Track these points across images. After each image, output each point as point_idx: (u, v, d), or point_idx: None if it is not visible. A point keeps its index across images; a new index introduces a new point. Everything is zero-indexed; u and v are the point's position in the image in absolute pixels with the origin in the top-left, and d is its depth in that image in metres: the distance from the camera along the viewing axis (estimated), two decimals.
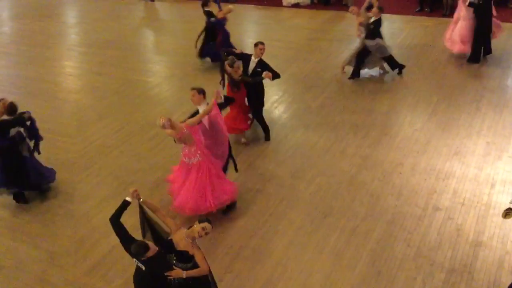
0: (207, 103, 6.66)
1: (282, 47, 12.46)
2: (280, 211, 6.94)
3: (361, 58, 10.36)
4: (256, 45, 8.25)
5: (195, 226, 4.88)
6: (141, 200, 5.20)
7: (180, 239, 4.94)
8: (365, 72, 10.65)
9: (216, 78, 11.19)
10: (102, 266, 6.23)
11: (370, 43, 10.09)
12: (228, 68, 8.06)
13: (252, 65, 8.23)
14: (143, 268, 4.71)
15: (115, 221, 4.93)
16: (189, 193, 6.50)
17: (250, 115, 8.51)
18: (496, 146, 7.96)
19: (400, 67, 10.55)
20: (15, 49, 13.73)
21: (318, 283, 5.78)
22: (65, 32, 15.30)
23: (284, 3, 15.99)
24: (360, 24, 10.34)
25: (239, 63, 8.11)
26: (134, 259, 4.77)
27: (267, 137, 8.61)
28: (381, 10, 9.95)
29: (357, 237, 6.38)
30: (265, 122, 8.59)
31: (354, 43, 12.50)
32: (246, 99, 8.32)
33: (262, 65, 8.20)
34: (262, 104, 8.53)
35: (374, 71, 10.74)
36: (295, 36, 13.40)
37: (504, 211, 5.35)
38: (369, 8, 10.33)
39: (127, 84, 11.13)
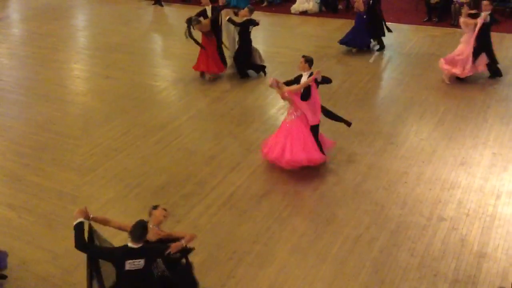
0: (311, 73, 7.62)
1: (289, 54, 12.48)
2: (284, 218, 6.93)
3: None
4: None
5: (154, 213, 5.10)
6: (91, 217, 5.06)
7: (151, 234, 4.91)
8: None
9: (223, 83, 11.27)
10: (102, 268, 6.22)
11: None
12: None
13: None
14: (141, 264, 4.53)
15: (82, 246, 4.72)
16: (296, 147, 7.56)
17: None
18: (502, 157, 7.93)
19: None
20: (24, 51, 13.84)
21: None
22: (74, 35, 15.41)
23: (292, 11, 16.04)
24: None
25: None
26: (128, 263, 4.52)
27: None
28: None
29: (360, 246, 6.36)
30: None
31: (362, 51, 12.53)
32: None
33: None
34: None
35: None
36: (302, 43, 13.43)
37: None
38: None
39: (134, 87, 11.19)
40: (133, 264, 4.52)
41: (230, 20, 10.88)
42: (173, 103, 10.53)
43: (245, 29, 10.75)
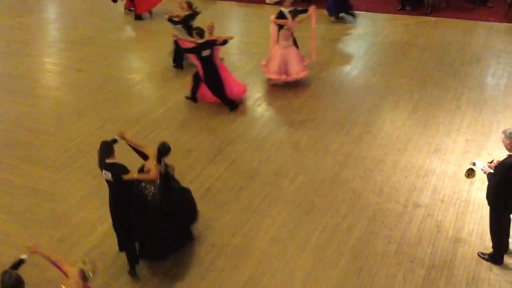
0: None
1: (264, 45, 12.42)
2: (263, 209, 6.95)
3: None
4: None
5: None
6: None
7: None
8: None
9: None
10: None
11: None
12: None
13: None
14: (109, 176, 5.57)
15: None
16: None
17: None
18: (475, 144, 8.08)
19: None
20: None
21: (300, 280, 5.81)
22: (45, 28, 15.08)
23: (267, 1, 15.97)
24: None
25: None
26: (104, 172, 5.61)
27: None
28: None
29: (339, 234, 6.43)
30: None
31: (336, 41, 12.61)
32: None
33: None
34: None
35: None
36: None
37: (466, 171, 5.59)
38: None
39: (108, 81, 11.02)
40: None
41: (169, 20, 10.54)
42: (148, 96, 10.40)
43: (187, 25, 10.42)
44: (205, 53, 8.97)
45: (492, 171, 5.55)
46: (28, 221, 6.96)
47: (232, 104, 9.47)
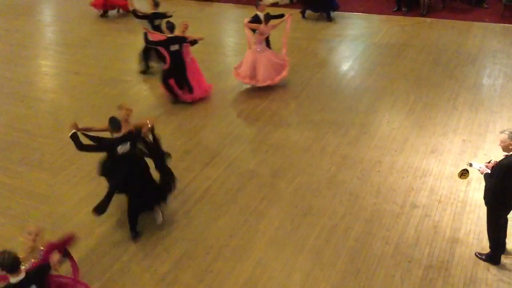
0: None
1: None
2: (261, 210, 6.95)
3: None
4: None
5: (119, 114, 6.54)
6: (79, 128, 6.25)
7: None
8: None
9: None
10: (80, 269, 6.11)
11: None
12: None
13: None
14: (127, 147, 6.05)
15: (81, 147, 6.02)
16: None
17: None
18: (471, 144, 8.11)
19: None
20: None
21: (298, 281, 5.81)
22: (41, 31, 15.05)
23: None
24: None
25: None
26: (119, 148, 6.02)
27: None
28: None
29: (336, 235, 6.43)
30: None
31: (332, 43, 12.64)
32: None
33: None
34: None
35: None
36: (274, 35, 13.36)
37: (461, 171, 5.60)
38: None
39: (105, 83, 11.01)
40: (123, 148, 6.02)
41: (133, 12, 10.69)
42: (145, 98, 10.40)
43: (152, 24, 10.49)
44: (174, 47, 9.26)
45: (489, 171, 5.56)
46: (25, 225, 6.89)
47: (175, 98, 9.75)
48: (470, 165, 5.75)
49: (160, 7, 10.74)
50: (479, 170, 5.68)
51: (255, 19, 9.99)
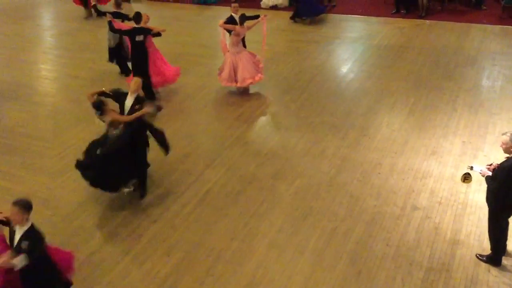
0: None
1: (260, 49, 12.47)
2: (261, 213, 6.94)
3: None
4: None
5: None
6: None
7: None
8: None
9: (195, 80, 11.17)
10: (81, 272, 6.12)
11: None
12: None
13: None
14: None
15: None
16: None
17: None
18: (472, 145, 8.11)
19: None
20: None
21: (299, 284, 5.80)
22: (41, 35, 15.06)
23: (262, 5, 16.02)
24: None
25: None
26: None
27: None
28: None
29: (337, 238, 6.43)
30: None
31: (331, 45, 12.66)
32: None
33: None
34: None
35: None
36: (273, 38, 13.41)
37: (463, 175, 5.57)
38: None
39: (104, 87, 10.96)
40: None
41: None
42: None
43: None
44: (139, 38, 9.48)
45: (490, 174, 5.55)
46: None
47: (151, 93, 9.70)
48: (471, 168, 5.74)
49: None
50: (480, 173, 5.67)
51: (230, 21, 10.00)
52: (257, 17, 10.17)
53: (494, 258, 5.85)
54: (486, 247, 6.02)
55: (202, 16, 15.19)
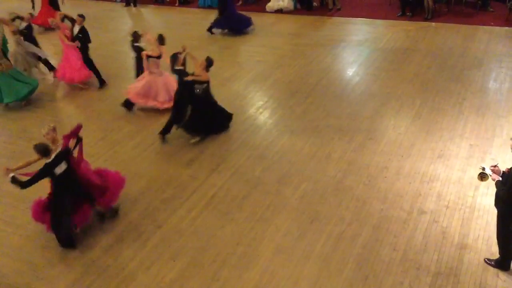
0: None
1: (266, 53, 12.49)
2: (267, 217, 6.91)
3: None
4: None
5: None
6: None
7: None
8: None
9: None
10: (86, 277, 6.13)
11: None
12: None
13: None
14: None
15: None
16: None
17: None
18: (479, 148, 8.04)
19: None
20: None
21: None
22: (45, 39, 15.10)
23: (268, 9, 16.04)
24: None
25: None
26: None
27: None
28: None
29: (343, 242, 6.38)
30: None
31: (336, 48, 12.63)
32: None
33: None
34: None
35: None
36: (278, 41, 13.44)
37: (479, 175, 5.52)
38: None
39: (110, 91, 11.04)
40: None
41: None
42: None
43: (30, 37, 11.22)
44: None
45: (500, 178, 5.49)
46: (32, 233, 6.93)
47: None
48: (483, 169, 5.67)
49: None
50: (490, 176, 5.60)
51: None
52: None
53: (503, 262, 5.79)
54: (494, 252, 5.95)
55: (208, 21, 15.18)
